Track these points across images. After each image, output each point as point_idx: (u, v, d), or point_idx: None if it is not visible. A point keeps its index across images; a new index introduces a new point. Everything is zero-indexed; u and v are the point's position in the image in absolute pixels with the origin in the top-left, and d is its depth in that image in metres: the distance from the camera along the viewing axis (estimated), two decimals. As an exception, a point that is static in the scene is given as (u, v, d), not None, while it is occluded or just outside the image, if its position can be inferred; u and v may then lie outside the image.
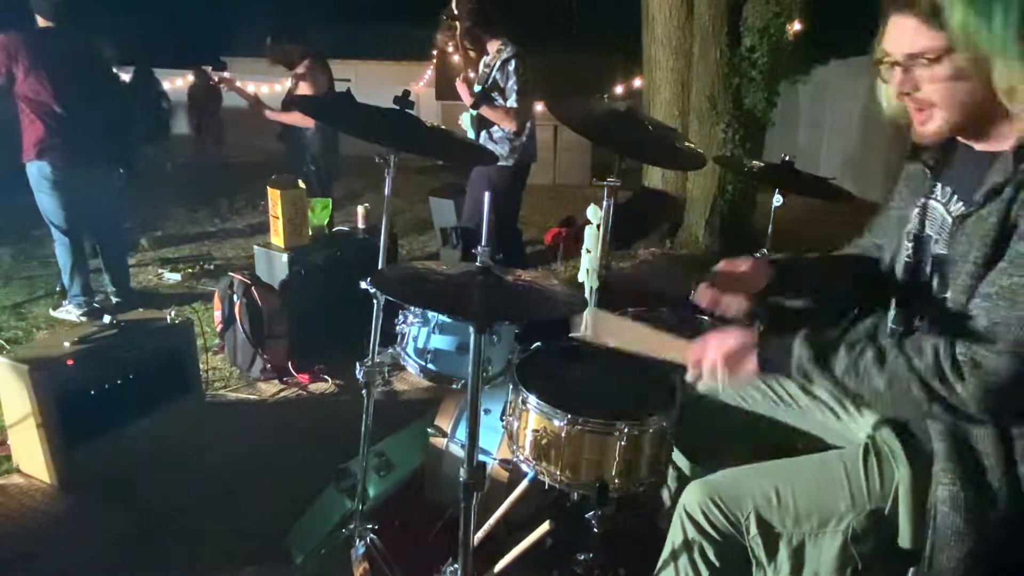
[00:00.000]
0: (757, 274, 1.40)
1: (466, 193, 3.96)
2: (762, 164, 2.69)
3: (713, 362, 1.23)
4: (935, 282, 1.20)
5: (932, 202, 1.24)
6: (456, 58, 3.73)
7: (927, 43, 1.05)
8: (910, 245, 1.28)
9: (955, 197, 1.19)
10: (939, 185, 1.24)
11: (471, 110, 3.55)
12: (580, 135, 2.04)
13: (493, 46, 3.55)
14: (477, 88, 3.54)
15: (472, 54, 3.59)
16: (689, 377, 1.30)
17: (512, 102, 3.45)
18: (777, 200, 2.47)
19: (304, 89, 4.28)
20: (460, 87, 3.54)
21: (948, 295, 1.14)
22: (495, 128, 3.56)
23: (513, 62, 3.44)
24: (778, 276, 1.41)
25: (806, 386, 1.49)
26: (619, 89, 7.52)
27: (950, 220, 1.18)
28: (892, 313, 1.32)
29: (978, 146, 1.16)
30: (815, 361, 1.14)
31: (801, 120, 10.02)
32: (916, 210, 1.27)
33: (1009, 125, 1.08)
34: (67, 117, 3.48)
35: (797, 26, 5.06)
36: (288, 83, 4.49)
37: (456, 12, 3.32)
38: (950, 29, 1.01)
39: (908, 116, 1.18)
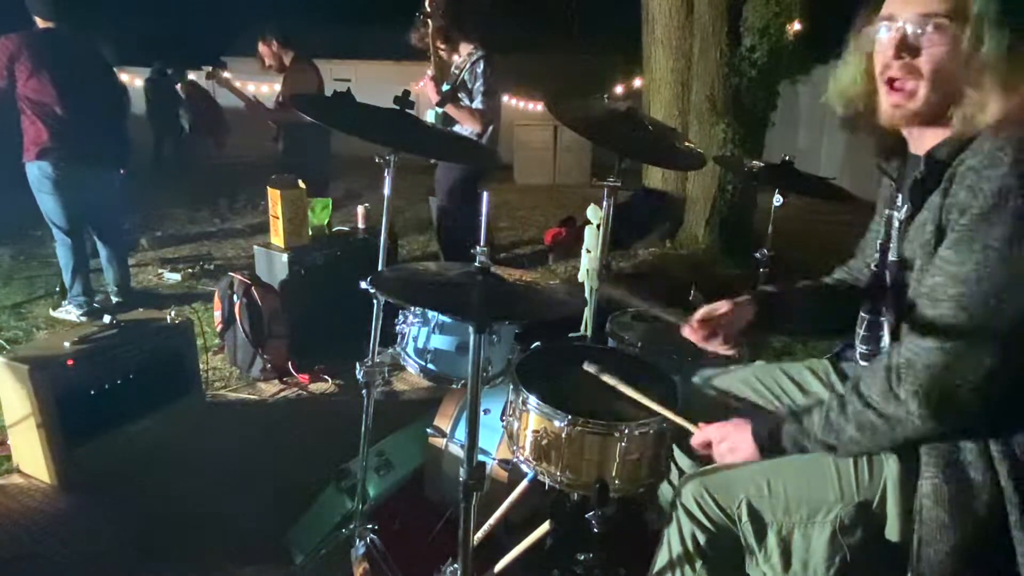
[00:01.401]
0: (740, 314, 1.47)
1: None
2: (762, 164, 2.69)
3: (719, 455, 1.32)
4: (895, 289, 1.24)
5: (893, 212, 1.29)
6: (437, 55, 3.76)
7: (940, 5, 1.07)
8: (876, 256, 1.34)
9: (907, 205, 1.24)
10: (899, 195, 1.28)
11: (436, 108, 3.60)
12: (580, 135, 2.04)
13: (465, 48, 3.62)
14: (446, 87, 3.59)
15: (443, 54, 3.65)
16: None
17: (477, 103, 3.53)
18: (777, 200, 2.47)
19: (296, 87, 4.29)
20: (428, 84, 3.58)
21: (902, 300, 1.18)
22: (459, 128, 3.61)
23: (481, 64, 3.53)
24: (761, 314, 1.48)
25: (802, 384, 1.51)
26: (619, 89, 7.52)
27: (898, 225, 1.25)
28: (862, 322, 1.37)
29: (919, 146, 1.20)
30: (799, 432, 1.22)
31: (801, 120, 10.01)
32: (883, 221, 1.33)
33: (942, 128, 1.13)
34: (68, 117, 3.48)
35: (797, 26, 5.06)
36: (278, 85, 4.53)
37: (429, 11, 3.34)
38: None
39: (859, 103, 1.22)
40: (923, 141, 1.19)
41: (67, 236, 3.71)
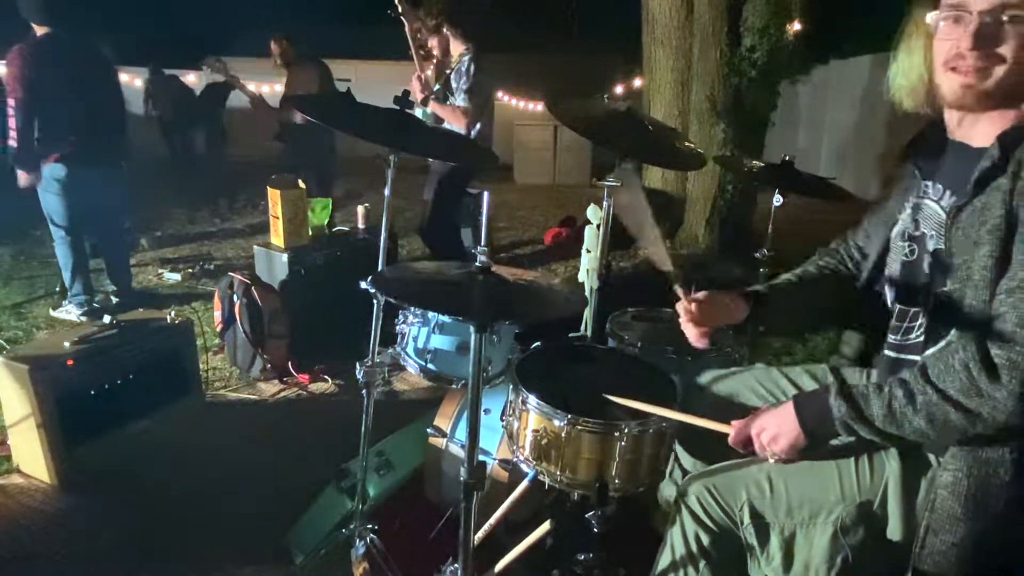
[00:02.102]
0: (734, 309, 1.46)
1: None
2: (762, 164, 2.69)
3: (762, 448, 1.25)
4: (935, 278, 1.21)
5: (925, 201, 1.26)
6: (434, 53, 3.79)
7: None
8: (905, 245, 1.30)
9: (947, 192, 1.21)
10: (930, 184, 1.26)
11: (423, 107, 3.62)
12: (580, 135, 2.04)
13: (457, 49, 3.65)
14: (436, 87, 3.63)
15: (435, 53, 3.70)
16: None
17: (460, 101, 3.56)
18: (777, 200, 2.47)
19: (298, 87, 4.30)
20: (414, 82, 3.59)
21: (951, 288, 1.14)
22: (447, 126, 3.63)
23: (467, 63, 3.56)
24: (754, 311, 1.47)
25: (801, 387, 1.50)
26: (619, 89, 7.52)
27: (944, 215, 1.20)
28: (894, 311, 1.33)
29: (970, 140, 1.18)
30: (854, 417, 1.14)
31: (801, 120, 10.02)
32: (908, 211, 1.30)
33: (1007, 113, 1.11)
34: (76, 119, 3.50)
35: (797, 26, 5.06)
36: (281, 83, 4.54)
37: (401, 10, 3.34)
38: None
39: (917, 99, 1.20)
40: (976, 128, 1.16)
41: (67, 235, 3.72)
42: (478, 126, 3.68)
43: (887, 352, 1.35)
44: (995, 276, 1.06)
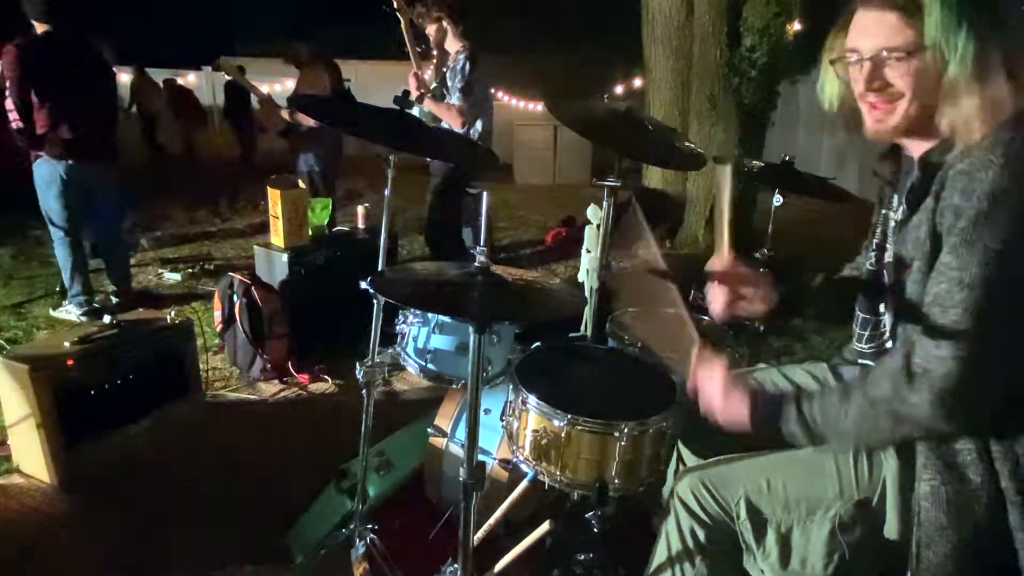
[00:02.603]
0: (768, 293, 1.45)
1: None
2: (762, 164, 2.69)
3: (709, 399, 1.27)
4: (891, 288, 1.25)
5: (889, 213, 1.31)
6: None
7: (903, 39, 1.08)
8: (872, 255, 1.35)
9: (901, 206, 1.25)
10: (895, 196, 1.29)
11: (420, 105, 3.62)
12: (580, 135, 2.04)
13: (454, 46, 3.66)
14: (433, 84, 3.64)
15: (431, 42, 3.67)
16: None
17: (455, 99, 3.57)
18: (777, 200, 2.47)
19: (307, 87, 4.30)
20: (411, 79, 3.58)
21: (898, 300, 1.19)
22: (444, 125, 3.63)
23: (462, 62, 3.56)
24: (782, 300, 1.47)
25: (800, 385, 1.51)
26: (619, 89, 7.52)
27: (893, 226, 1.26)
28: (857, 320, 1.38)
29: (913, 151, 1.21)
30: (797, 420, 1.17)
31: (801, 120, 10.01)
32: (880, 221, 1.34)
33: (932, 135, 1.14)
34: (75, 118, 3.50)
35: (797, 26, 5.06)
36: (290, 82, 4.53)
37: (396, 7, 3.32)
38: (927, 26, 1.05)
39: (847, 112, 1.23)
40: (916, 145, 1.20)
41: (65, 235, 3.71)
42: (479, 124, 3.69)
43: (859, 360, 1.38)
44: (924, 289, 1.10)
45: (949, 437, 1.10)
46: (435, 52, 3.73)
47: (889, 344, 1.27)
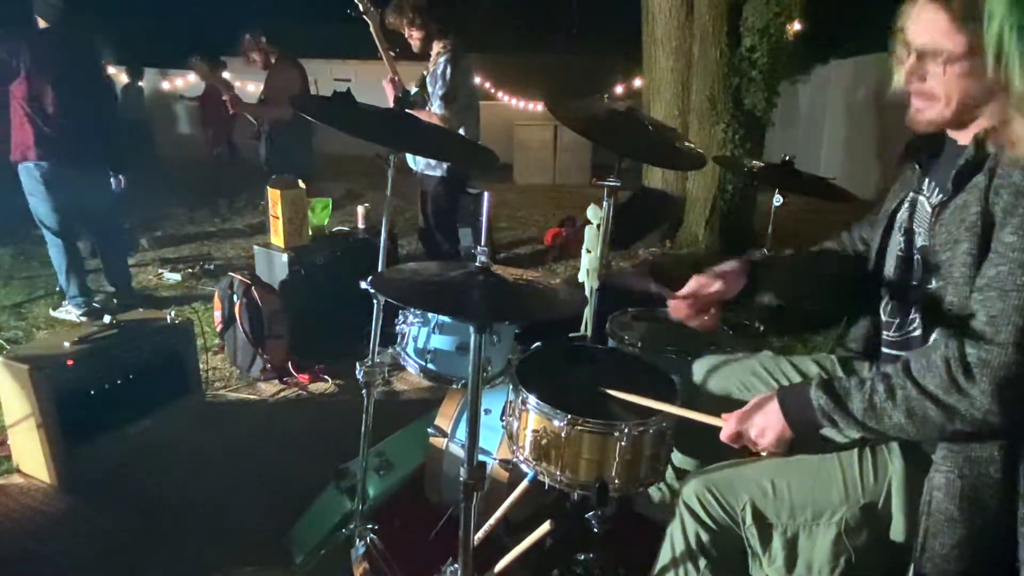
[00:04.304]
0: (732, 287, 1.46)
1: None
2: (762, 164, 2.69)
3: (752, 443, 1.26)
4: (922, 273, 1.23)
5: (920, 196, 1.28)
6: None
7: (951, 44, 1.06)
8: (902, 239, 1.31)
9: (936, 189, 1.23)
10: (926, 180, 1.27)
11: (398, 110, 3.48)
12: (580, 135, 2.04)
13: (436, 47, 3.43)
14: (414, 90, 3.44)
15: (415, 47, 3.46)
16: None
17: (436, 108, 3.30)
18: (777, 200, 2.48)
19: (272, 87, 4.31)
20: (386, 87, 3.33)
21: (937, 285, 1.16)
22: None
23: (443, 66, 3.31)
24: (754, 277, 1.48)
25: (808, 376, 1.50)
26: (619, 89, 7.52)
27: (929, 210, 1.22)
28: (886, 307, 1.35)
29: (959, 139, 1.19)
30: (834, 408, 1.15)
31: (801, 120, 10.01)
32: (906, 205, 1.31)
33: (985, 120, 1.11)
34: (60, 119, 3.49)
35: (797, 26, 5.06)
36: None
37: (362, 9, 3.01)
38: (982, 33, 1.02)
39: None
40: (961, 133, 1.17)
41: (56, 237, 3.70)
42: (462, 132, 3.42)
43: (885, 349, 1.35)
44: (973, 273, 1.07)
45: (992, 435, 1.07)
46: (417, 50, 3.58)
47: (917, 332, 1.24)
